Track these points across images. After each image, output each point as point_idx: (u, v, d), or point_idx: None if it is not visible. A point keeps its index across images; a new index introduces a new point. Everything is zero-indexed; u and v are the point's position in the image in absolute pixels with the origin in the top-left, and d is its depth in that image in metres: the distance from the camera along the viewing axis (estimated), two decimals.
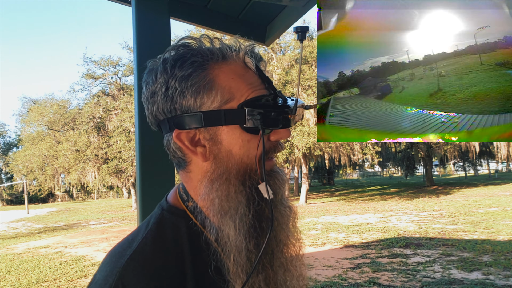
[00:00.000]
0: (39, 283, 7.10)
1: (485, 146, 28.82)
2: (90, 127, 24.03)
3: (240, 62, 0.67)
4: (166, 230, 0.67)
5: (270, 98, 0.67)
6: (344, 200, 21.22)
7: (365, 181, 44.53)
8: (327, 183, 40.62)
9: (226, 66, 0.66)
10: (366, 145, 20.02)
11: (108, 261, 0.64)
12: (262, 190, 0.64)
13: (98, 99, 24.88)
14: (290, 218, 0.70)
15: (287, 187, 0.74)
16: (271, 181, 0.68)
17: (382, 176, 56.01)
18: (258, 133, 0.65)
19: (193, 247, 0.65)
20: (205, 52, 0.65)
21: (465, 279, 5.64)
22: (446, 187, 25.29)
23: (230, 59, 0.67)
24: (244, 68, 0.67)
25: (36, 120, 28.38)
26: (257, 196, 0.65)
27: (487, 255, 6.91)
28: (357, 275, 6.24)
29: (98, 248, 10.46)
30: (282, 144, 0.72)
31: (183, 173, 0.71)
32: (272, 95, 0.67)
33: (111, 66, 24.84)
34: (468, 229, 9.72)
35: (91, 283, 0.64)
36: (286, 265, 0.69)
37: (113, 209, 25.25)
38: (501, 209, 12.96)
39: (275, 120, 0.65)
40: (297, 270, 0.70)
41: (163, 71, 0.64)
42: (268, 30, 2.47)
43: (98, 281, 0.62)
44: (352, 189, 30.87)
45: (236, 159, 0.65)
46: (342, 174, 50.67)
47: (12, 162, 31.34)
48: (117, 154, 21.84)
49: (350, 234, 10.15)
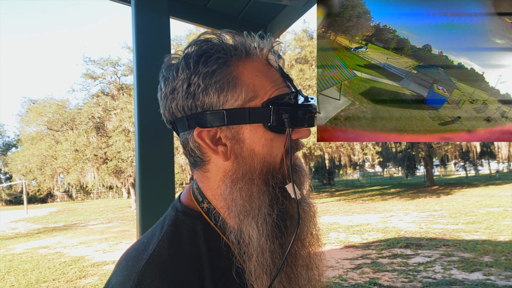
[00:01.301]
0: (38, 283, 7.08)
1: (486, 146, 28.83)
2: (90, 127, 24.02)
3: (263, 59, 0.66)
4: (182, 232, 0.65)
5: (292, 97, 0.65)
6: (345, 200, 21.21)
7: (365, 181, 44.54)
8: (328, 183, 40.61)
9: (249, 63, 0.64)
10: (366, 145, 20.01)
11: (124, 265, 0.62)
12: (290, 191, 0.64)
13: (97, 99, 24.86)
14: (312, 215, 0.69)
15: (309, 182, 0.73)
16: (296, 177, 0.67)
17: (383, 176, 56.09)
18: (281, 132, 0.64)
19: (210, 250, 0.64)
20: (228, 48, 0.64)
21: (466, 279, 5.62)
22: (447, 187, 25.28)
23: (253, 56, 0.65)
24: (267, 66, 0.66)
25: (35, 120, 28.37)
26: (281, 195, 0.64)
27: (488, 256, 6.89)
28: (358, 275, 6.22)
29: (98, 248, 10.44)
30: (302, 142, 0.71)
31: (200, 173, 0.69)
32: (294, 93, 0.66)
33: (111, 66, 24.83)
34: (469, 230, 9.70)
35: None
36: (309, 263, 0.68)
37: (112, 209, 25.24)
38: (502, 209, 12.95)
39: (301, 119, 0.65)
40: (318, 268, 0.70)
41: (185, 67, 0.62)
42: (268, 29, 2.45)
43: (115, 286, 0.59)
44: (353, 189, 30.87)
45: (259, 158, 0.63)
46: (342, 174, 50.75)
47: (11, 162, 31.35)
48: (117, 154, 21.84)
49: (351, 235, 10.14)
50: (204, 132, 0.63)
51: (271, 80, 0.65)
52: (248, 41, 0.65)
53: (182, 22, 2.18)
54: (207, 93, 0.61)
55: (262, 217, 0.62)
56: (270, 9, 2.31)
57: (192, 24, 2.33)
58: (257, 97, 0.63)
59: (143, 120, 1.59)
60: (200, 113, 0.63)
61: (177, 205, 0.70)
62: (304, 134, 0.68)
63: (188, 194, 0.71)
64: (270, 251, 0.61)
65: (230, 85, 0.62)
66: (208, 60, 0.62)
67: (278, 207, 0.63)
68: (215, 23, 2.20)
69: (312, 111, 0.66)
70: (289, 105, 0.63)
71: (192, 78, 0.62)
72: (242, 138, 0.63)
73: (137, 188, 1.59)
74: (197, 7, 2.13)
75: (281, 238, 0.63)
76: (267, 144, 0.63)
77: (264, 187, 0.63)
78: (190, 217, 0.67)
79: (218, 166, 0.66)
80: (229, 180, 0.64)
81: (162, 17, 1.73)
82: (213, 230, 0.65)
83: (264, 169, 0.64)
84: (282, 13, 2.33)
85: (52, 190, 32.28)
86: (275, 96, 0.63)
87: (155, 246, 0.62)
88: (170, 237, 0.63)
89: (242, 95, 0.62)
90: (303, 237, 0.67)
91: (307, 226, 0.68)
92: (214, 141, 0.64)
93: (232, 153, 0.64)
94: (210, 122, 0.62)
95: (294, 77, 17.71)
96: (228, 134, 0.63)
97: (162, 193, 1.58)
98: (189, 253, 0.62)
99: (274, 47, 0.67)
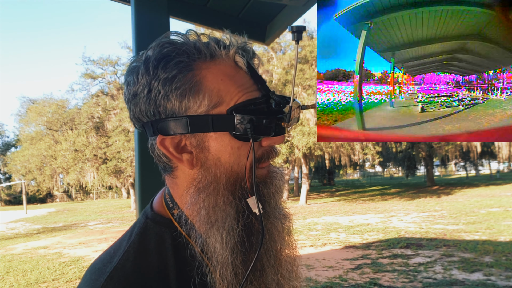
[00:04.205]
0: (37, 284, 7.07)
1: (486, 146, 28.82)
2: (89, 127, 24.00)
3: (230, 61, 0.61)
4: (150, 241, 0.62)
5: (263, 101, 0.61)
6: (345, 201, 21.21)
7: (365, 181, 44.54)
8: (328, 183, 40.60)
9: (214, 66, 0.60)
10: (366, 145, 20.01)
11: (88, 278, 0.60)
12: (251, 205, 0.60)
13: (97, 99, 24.84)
14: (285, 228, 0.66)
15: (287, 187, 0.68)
16: (265, 189, 0.63)
17: (383, 176, 56.07)
18: (248, 140, 0.59)
19: (178, 260, 0.61)
20: (191, 51, 0.59)
21: (466, 280, 5.62)
22: (447, 187, 25.27)
23: (219, 58, 0.60)
24: (235, 68, 0.61)
25: (34, 120, 28.36)
26: (247, 209, 0.60)
27: (489, 256, 6.89)
28: (358, 275, 6.22)
29: (97, 248, 10.43)
30: (276, 149, 0.66)
31: (169, 179, 0.66)
32: (265, 97, 0.61)
33: (110, 66, 24.82)
34: (469, 230, 9.70)
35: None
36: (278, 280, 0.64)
37: (112, 210, 25.22)
38: (503, 209, 12.95)
39: (267, 128, 0.60)
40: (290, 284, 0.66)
41: (145, 71, 0.58)
42: (268, 29, 2.44)
43: None
44: (353, 189, 30.86)
45: (225, 167, 0.60)
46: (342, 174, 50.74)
47: (11, 162, 31.34)
48: (116, 154, 21.84)
49: (351, 235, 10.13)
50: (168, 140, 0.60)
51: (238, 84, 0.60)
52: (212, 43, 0.60)
53: (181, 22, 2.17)
54: (168, 99, 0.58)
55: (226, 230, 0.58)
56: (270, 9, 2.30)
57: (192, 23, 2.32)
58: (222, 103, 0.58)
59: None
60: (163, 119, 0.59)
61: (148, 211, 0.67)
62: (277, 140, 0.63)
63: (160, 199, 0.68)
64: (233, 265, 0.59)
65: (192, 90, 0.57)
66: (168, 64, 0.58)
67: (244, 221, 0.60)
68: (215, 23, 2.19)
69: (280, 119, 0.61)
70: (256, 112, 0.59)
71: (152, 83, 0.58)
72: (207, 146, 0.60)
73: (136, 188, 1.58)
74: (197, 7, 2.12)
75: (245, 254, 0.60)
76: (233, 153, 0.60)
77: (230, 198, 0.60)
78: (159, 225, 0.64)
79: (186, 174, 0.63)
80: (194, 189, 0.61)
81: (161, 17, 1.73)
82: (182, 238, 0.62)
83: (231, 179, 0.60)
84: (282, 13, 2.32)
85: (52, 190, 32.28)
86: (241, 102, 0.59)
87: (120, 258, 0.59)
88: (136, 247, 0.61)
89: (205, 101, 0.58)
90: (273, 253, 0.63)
91: (277, 242, 0.64)
92: (178, 149, 0.61)
93: (198, 162, 0.61)
94: (173, 129, 0.59)
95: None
96: (193, 141, 0.60)
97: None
98: (155, 264, 0.60)
99: (245, 47, 0.62)
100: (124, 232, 0.68)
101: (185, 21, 2.19)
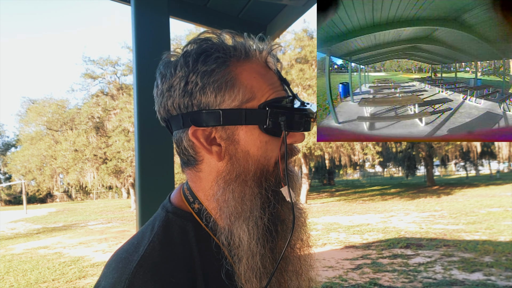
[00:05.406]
0: (37, 284, 7.07)
1: (486, 146, 28.83)
2: (89, 127, 24.00)
3: (262, 62, 0.66)
4: (173, 233, 0.64)
5: (289, 101, 0.66)
6: (345, 201, 21.21)
7: (365, 181, 44.55)
8: (328, 183, 40.63)
9: (248, 65, 0.64)
10: (366, 145, 20.01)
11: (114, 267, 0.60)
12: (285, 194, 0.64)
13: (97, 99, 24.83)
14: (302, 221, 0.70)
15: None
16: (290, 182, 0.66)
17: (383, 176, 56.10)
18: (276, 135, 0.64)
19: (201, 251, 0.63)
20: (228, 49, 0.63)
21: (466, 280, 5.62)
22: (447, 187, 25.27)
23: (252, 57, 0.65)
24: (266, 68, 0.66)
25: (34, 120, 28.36)
26: (273, 199, 0.64)
27: (489, 256, 6.89)
28: (358, 275, 6.22)
29: (97, 248, 10.43)
30: (297, 147, 0.71)
31: (192, 172, 0.68)
32: (290, 97, 0.67)
33: (110, 66, 24.81)
34: (469, 230, 9.70)
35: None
36: (299, 269, 0.68)
37: (112, 210, 25.22)
38: (503, 209, 12.95)
39: (297, 123, 0.64)
40: (308, 274, 0.70)
41: (184, 64, 0.62)
42: (268, 29, 2.44)
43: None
44: (353, 189, 30.87)
45: (253, 160, 0.63)
46: (342, 174, 50.76)
47: (11, 162, 31.34)
48: (116, 154, 21.83)
49: (351, 235, 10.13)
50: (199, 131, 0.63)
51: (269, 82, 0.65)
52: (248, 43, 0.66)
53: (182, 21, 2.17)
54: (204, 92, 0.61)
55: (253, 220, 0.62)
56: (270, 9, 2.30)
57: (192, 24, 2.32)
58: (254, 98, 0.63)
59: (143, 120, 1.58)
60: (196, 112, 0.62)
61: (167, 205, 0.69)
62: (299, 138, 0.68)
63: (179, 194, 0.71)
64: (261, 255, 0.61)
65: (228, 85, 0.61)
66: (207, 59, 0.62)
67: (270, 211, 0.63)
68: (215, 23, 2.19)
69: (309, 116, 0.66)
70: (286, 109, 0.64)
71: (190, 76, 0.61)
72: (237, 139, 0.63)
73: (136, 188, 1.58)
74: (197, 7, 2.13)
75: (272, 243, 0.63)
76: (262, 147, 0.63)
77: (257, 189, 0.63)
78: (181, 218, 0.66)
79: (212, 166, 0.65)
80: (222, 180, 0.64)
81: (161, 17, 1.73)
82: (204, 231, 0.65)
83: (258, 171, 0.64)
84: (282, 13, 2.32)
85: (52, 190, 32.26)
86: (272, 99, 0.63)
87: (146, 247, 0.61)
88: (161, 238, 0.63)
89: (240, 96, 0.62)
90: (294, 242, 0.68)
91: (298, 232, 0.68)
92: (208, 141, 0.64)
93: (226, 154, 0.64)
94: (205, 121, 0.62)
95: (294, 77, 17.68)
96: (223, 134, 0.63)
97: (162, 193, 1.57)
98: (180, 254, 0.62)
99: (273, 51, 0.68)
100: (143, 226, 0.69)
101: (185, 21, 2.19)
